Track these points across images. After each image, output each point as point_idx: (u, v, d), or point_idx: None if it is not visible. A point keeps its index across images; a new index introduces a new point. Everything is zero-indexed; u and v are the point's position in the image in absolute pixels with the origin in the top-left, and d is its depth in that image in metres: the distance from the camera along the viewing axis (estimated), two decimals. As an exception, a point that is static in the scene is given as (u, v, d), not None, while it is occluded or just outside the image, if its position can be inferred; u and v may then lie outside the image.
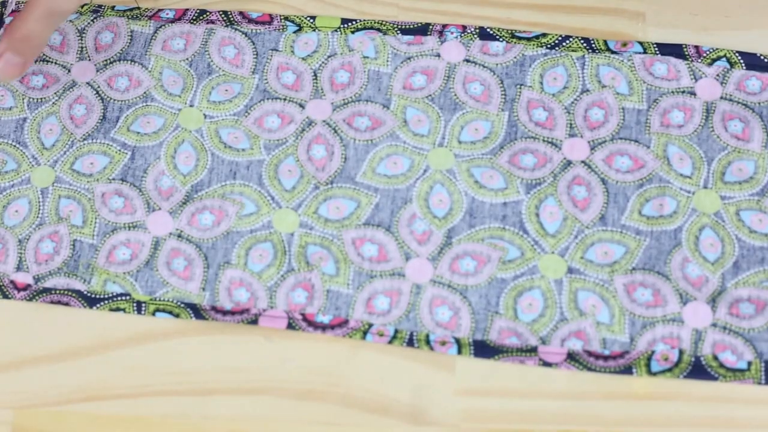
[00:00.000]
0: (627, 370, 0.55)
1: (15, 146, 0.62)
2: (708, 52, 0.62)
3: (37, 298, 0.58)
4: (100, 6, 0.66)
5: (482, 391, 0.55)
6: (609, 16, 0.64)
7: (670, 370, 0.55)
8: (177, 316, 0.57)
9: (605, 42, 0.63)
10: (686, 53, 0.62)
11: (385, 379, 0.56)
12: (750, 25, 0.63)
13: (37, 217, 0.60)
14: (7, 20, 0.66)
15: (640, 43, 0.62)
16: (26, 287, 0.59)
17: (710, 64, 0.62)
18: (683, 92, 0.61)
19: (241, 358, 0.57)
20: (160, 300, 0.58)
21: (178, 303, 0.58)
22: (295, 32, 0.64)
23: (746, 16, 0.64)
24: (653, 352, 0.55)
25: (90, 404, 0.56)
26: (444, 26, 0.64)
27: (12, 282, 0.59)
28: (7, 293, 0.58)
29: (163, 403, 0.56)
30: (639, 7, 0.64)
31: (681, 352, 0.55)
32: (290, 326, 0.57)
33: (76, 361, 0.57)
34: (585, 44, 0.63)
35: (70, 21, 0.65)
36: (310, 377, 0.56)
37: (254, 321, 0.57)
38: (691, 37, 0.63)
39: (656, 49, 0.62)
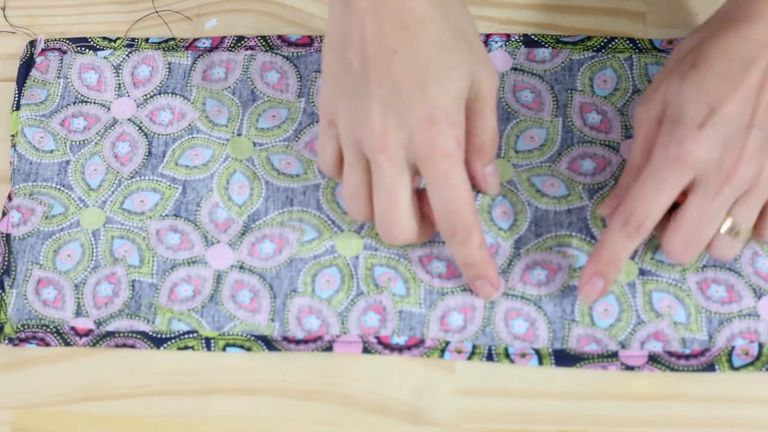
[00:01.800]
0: (710, 368, 0.55)
1: (60, 189, 0.61)
2: (753, 44, 0.62)
3: (100, 342, 0.57)
4: (133, 39, 0.65)
5: (482, 391, 0.55)
6: (609, 16, 0.64)
7: (752, 363, 0.55)
8: (248, 349, 0.56)
9: (651, 41, 0.62)
10: (732, 46, 0.62)
11: (385, 379, 0.56)
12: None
13: (92, 260, 0.59)
14: (38, 60, 0.64)
15: (686, 40, 0.62)
16: (88, 332, 0.57)
17: (756, 56, 0.62)
18: None
19: (241, 358, 0.56)
20: (228, 335, 0.57)
21: (248, 336, 0.57)
22: (337, 52, 0.63)
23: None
24: (733, 347, 0.55)
25: (90, 404, 0.56)
26: (488, 36, 0.63)
27: (73, 328, 0.57)
28: (68, 340, 0.57)
29: (163, 403, 0.56)
30: (639, 7, 0.64)
31: (761, 346, 0.55)
32: (366, 350, 0.56)
33: (76, 361, 0.57)
34: (631, 44, 0.62)
35: (105, 58, 0.64)
36: (310, 377, 0.56)
37: (329, 348, 0.56)
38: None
39: (702, 44, 0.62)
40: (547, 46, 0.63)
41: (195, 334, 0.57)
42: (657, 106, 0.53)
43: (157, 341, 0.57)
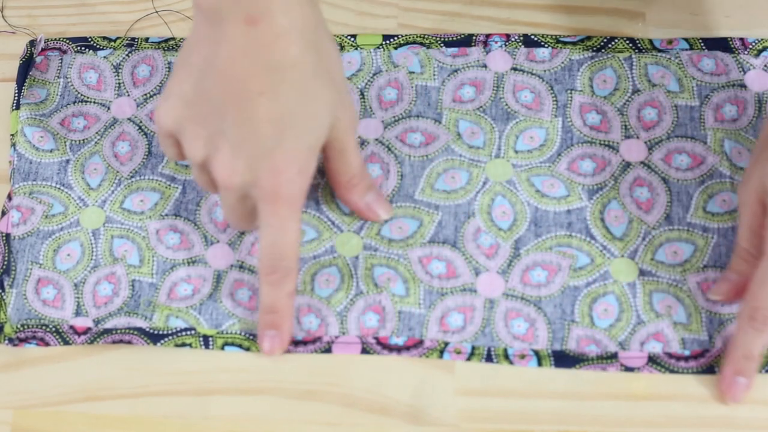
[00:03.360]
0: (709, 370, 0.54)
1: (59, 188, 0.61)
2: (754, 44, 0.62)
3: (98, 339, 0.57)
4: (133, 39, 0.65)
5: (482, 391, 0.55)
6: (609, 16, 0.64)
7: (751, 365, 0.55)
8: (247, 349, 0.56)
9: (650, 41, 0.62)
10: (732, 46, 0.62)
11: (385, 379, 0.55)
12: (750, 25, 0.63)
13: (91, 259, 0.59)
14: (38, 59, 0.64)
15: (686, 40, 0.62)
16: (86, 331, 0.57)
17: (757, 55, 0.62)
18: (733, 86, 0.61)
19: (240, 358, 0.56)
20: (227, 333, 0.57)
21: (246, 335, 0.57)
22: (337, 52, 0.63)
23: (746, 16, 0.64)
24: (733, 348, 0.55)
25: (90, 404, 0.56)
26: (487, 36, 0.63)
27: (71, 327, 0.57)
28: (67, 339, 0.57)
29: (163, 403, 0.56)
30: (639, 7, 0.64)
31: (760, 346, 0.55)
32: (364, 351, 0.56)
33: (76, 361, 0.57)
34: (630, 44, 0.62)
35: (105, 57, 0.64)
36: (310, 377, 0.56)
37: (327, 350, 0.56)
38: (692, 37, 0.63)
39: (702, 44, 0.62)
40: (546, 46, 0.63)
41: (193, 332, 0.57)
42: (757, 189, 0.53)
43: (154, 338, 0.57)
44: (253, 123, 0.50)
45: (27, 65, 0.64)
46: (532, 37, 0.63)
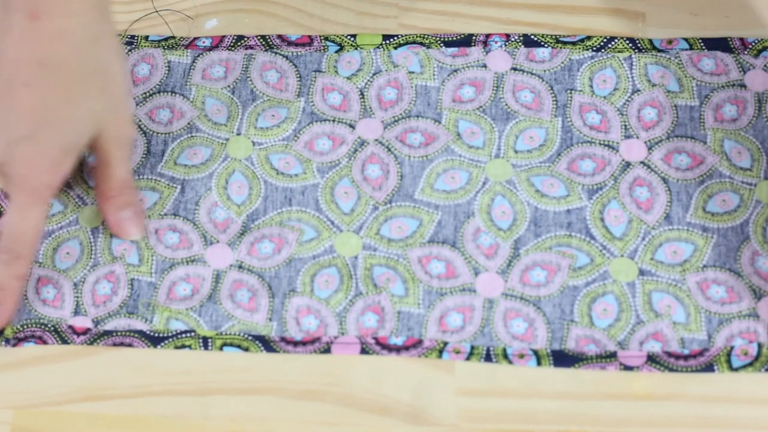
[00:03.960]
0: (708, 368, 0.54)
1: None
2: (754, 44, 0.62)
3: (98, 341, 0.57)
4: (133, 37, 0.65)
5: (482, 391, 0.55)
6: (609, 16, 0.64)
7: (751, 364, 0.54)
8: (246, 349, 0.56)
9: (650, 41, 0.62)
10: (732, 46, 0.62)
11: (385, 379, 0.55)
12: (750, 25, 0.63)
13: (91, 258, 0.59)
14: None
15: (686, 40, 0.62)
16: (86, 331, 0.57)
17: (756, 55, 0.62)
18: (733, 85, 0.61)
19: (240, 358, 0.56)
20: (226, 334, 0.57)
21: (246, 336, 0.56)
22: (336, 52, 0.63)
23: (746, 16, 0.64)
24: (732, 347, 0.55)
25: (90, 404, 0.56)
26: (487, 36, 0.63)
27: (70, 327, 0.57)
28: (66, 338, 0.57)
29: (163, 403, 0.56)
30: (639, 7, 0.64)
31: (760, 346, 0.55)
32: (363, 351, 0.56)
33: (76, 361, 0.57)
34: (630, 44, 0.62)
35: (104, 56, 0.64)
36: (310, 377, 0.56)
37: (326, 350, 0.56)
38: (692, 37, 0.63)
39: (702, 44, 0.62)
40: (546, 46, 0.63)
41: (192, 333, 0.57)
42: None
43: (155, 340, 0.57)
44: (13, 110, 0.53)
45: (26, 64, 0.64)
46: (532, 37, 0.63)
